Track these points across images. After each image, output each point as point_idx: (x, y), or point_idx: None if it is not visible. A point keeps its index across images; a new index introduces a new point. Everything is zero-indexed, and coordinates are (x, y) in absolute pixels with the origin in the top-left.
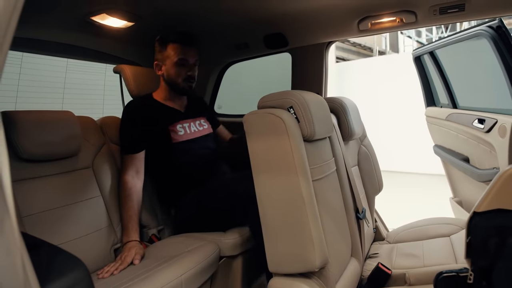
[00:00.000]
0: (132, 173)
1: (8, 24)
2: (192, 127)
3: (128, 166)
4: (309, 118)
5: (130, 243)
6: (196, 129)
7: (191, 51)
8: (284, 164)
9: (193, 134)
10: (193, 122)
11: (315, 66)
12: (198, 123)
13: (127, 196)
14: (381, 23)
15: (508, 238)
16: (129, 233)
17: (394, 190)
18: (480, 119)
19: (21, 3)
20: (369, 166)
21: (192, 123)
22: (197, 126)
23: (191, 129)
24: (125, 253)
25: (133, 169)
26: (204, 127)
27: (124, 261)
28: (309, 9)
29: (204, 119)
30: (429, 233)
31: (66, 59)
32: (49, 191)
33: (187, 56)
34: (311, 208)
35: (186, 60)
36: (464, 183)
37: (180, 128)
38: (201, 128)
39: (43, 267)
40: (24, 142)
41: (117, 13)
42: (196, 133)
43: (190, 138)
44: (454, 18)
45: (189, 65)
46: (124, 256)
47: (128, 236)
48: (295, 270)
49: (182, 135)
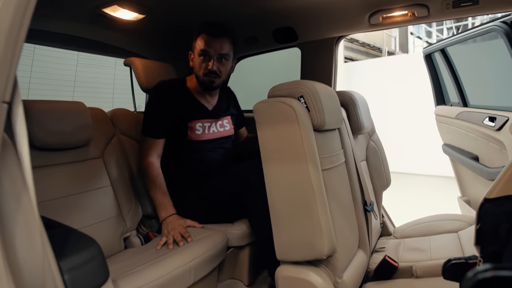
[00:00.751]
0: (155, 156)
1: (24, 12)
2: (212, 127)
3: (150, 149)
4: (319, 107)
5: (171, 217)
6: (216, 130)
7: (216, 43)
8: (294, 152)
9: (211, 135)
10: (215, 122)
11: (325, 61)
12: (220, 123)
13: (156, 176)
14: (393, 17)
15: None
16: (167, 208)
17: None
18: (491, 117)
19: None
20: (378, 161)
21: (213, 123)
22: (218, 127)
23: (211, 130)
24: (171, 228)
25: (155, 152)
26: (226, 128)
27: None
28: (319, 2)
29: (228, 119)
30: (437, 229)
31: (77, 52)
32: (60, 180)
33: (210, 48)
34: (320, 196)
35: (208, 52)
36: (473, 182)
37: (199, 127)
38: (222, 130)
39: (59, 244)
40: (37, 131)
41: (128, 5)
42: (215, 133)
43: (206, 138)
44: (467, 12)
45: (211, 58)
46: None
47: (167, 211)
48: (303, 258)
49: (200, 134)
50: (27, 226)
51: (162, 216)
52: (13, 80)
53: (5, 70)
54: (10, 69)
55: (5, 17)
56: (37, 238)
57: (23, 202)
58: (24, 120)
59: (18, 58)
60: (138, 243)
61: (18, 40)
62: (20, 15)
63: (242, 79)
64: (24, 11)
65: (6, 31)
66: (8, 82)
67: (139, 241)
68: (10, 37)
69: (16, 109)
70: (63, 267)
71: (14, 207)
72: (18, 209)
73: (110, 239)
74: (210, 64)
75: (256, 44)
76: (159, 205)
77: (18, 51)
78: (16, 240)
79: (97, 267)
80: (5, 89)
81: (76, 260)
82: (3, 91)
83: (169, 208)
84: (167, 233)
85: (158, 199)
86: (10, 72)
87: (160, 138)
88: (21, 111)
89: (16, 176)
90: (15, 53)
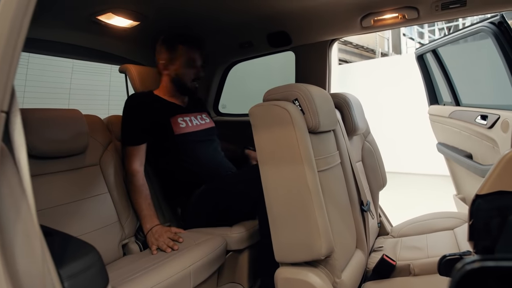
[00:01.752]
0: (138, 163)
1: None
2: (193, 120)
3: (133, 157)
4: (314, 110)
5: (156, 227)
6: (198, 123)
7: (198, 53)
8: (290, 154)
9: (195, 127)
10: (194, 116)
11: (319, 64)
12: (200, 117)
13: (142, 185)
14: (384, 19)
15: (509, 217)
16: (152, 219)
17: (397, 192)
18: (482, 116)
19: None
20: (373, 161)
21: (193, 117)
22: (199, 120)
23: (193, 123)
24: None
25: (138, 160)
26: (206, 121)
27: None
28: (312, 6)
29: (206, 114)
30: (433, 227)
31: (72, 60)
32: (57, 188)
33: (196, 57)
34: (317, 197)
35: (195, 61)
36: (467, 180)
37: (181, 120)
38: (203, 122)
39: (58, 252)
40: (33, 139)
41: (123, 12)
42: (198, 126)
43: (192, 130)
44: (456, 13)
45: (197, 66)
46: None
47: (152, 222)
48: (302, 259)
49: (184, 127)
50: (26, 234)
51: (147, 227)
52: (11, 90)
53: (2, 79)
54: (7, 78)
55: (3, 27)
56: (36, 246)
57: (22, 211)
58: (22, 129)
59: (15, 68)
60: (137, 249)
61: (16, 50)
62: (18, 26)
63: (238, 83)
64: (21, 21)
65: (4, 42)
66: (6, 92)
67: (138, 247)
68: (8, 47)
69: (14, 118)
70: (62, 275)
71: (13, 215)
72: (18, 217)
73: (109, 246)
74: (199, 72)
75: (251, 48)
76: (144, 216)
77: (15, 61)
78: (15, 248)
79: (96, 274)
80: (3, 98)
81: (75, 267)
82: (1, 101)
83: (154, 219)
84: (155, 241)
85: (144, 210)
86: (8, 81)
87: (140, 144)
88: (19, 120)
89: (14, 185)
90: (12, 63)
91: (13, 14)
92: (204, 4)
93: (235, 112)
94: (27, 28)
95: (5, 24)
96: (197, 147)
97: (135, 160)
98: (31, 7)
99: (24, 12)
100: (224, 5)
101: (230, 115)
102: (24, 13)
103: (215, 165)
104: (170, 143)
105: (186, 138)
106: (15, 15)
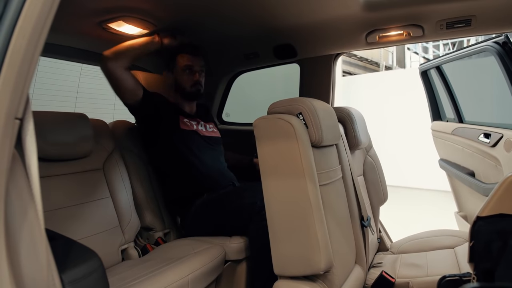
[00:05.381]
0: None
1: (40, 35)
2: (200, 126)
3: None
4: (318, 124)
5: None
6: (205, 129)
7: (196, 59)
8: (292, 168)
9: (200, 131)
10: (201, 123)
11: (323, 77)
12: (208, 126)
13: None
14: (389, 36)
15: (510, 241)
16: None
17: (398, 207)
18: (486, 134)
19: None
20: (375, 176)
21: (201, 123)
22: (205, 127)
23: (199, 127)
24: None
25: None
26: (214, 130)
27: None
28: (319, 21)
29: (213, 124)
30: (433, 244)
31: (80, 64)
32: (60, 190)
33: (193, 63)
34: (318, 212)
35: (192, 66)
36: (469, 198)
37: (187, 121)
38: (210, 130)
39: (61, 257)
40: (38, 141)
41: (133, 21)
42: (204, 132)
43: (197, 131)
44: (460, 33)
45: (195, 71)
46: None
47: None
48: (301, 273)
49: (190, 126)
50: (32, 239)
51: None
52: (26, 97)
53: (19, 87)
54: (24, 86)
55: (23, 35)
56: (42, 252)
57: (29, 215)
58: (34, 136)
59: (32, 75)
60: (136, 255)
61: (34, 58)
62: (37, 34)
63: (241, 92)
64: (41, 31)
65: (24, 49)
66: (22, 99)
67: (137, 253)
68: (27, 54)
69: (27, 124)
70: (64, 280)
71: (20, 219)
72: (24, 221)
73: (108, 250)
74: (196, 76)
75: (256, 59)
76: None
77: (32, 68)
78: (21, 252)
79: (97, 280)
80: (18, 105)
81: (77, 273)
82: (16, 108)
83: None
84: None
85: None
86: (24, 89)
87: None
88: (31, 127)
89: (23, 190)
90: (29, 71)
91: (32, 29)
92: (212, 15)
93: (236, 121)
94: (46, 36)
95: (26, 32)
96: (200, 149)
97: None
98: (49, 22)
99: (42, 26)
100: (233, 17)
101: (233, 123)
102: (42, 27)
103: (216, 174)
104: (175, 137)
105: (190, 136)
106: (35, 24)
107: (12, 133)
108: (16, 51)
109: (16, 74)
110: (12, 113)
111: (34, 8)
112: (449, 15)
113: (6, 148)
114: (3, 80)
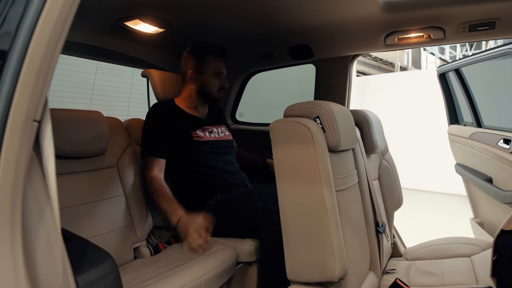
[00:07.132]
0: (157, 170)
1: (59, 38)
2: (213, 132)
3: (152, 166)
4: (335, 128)
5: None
6: (216, 135)
7: (224, 63)
8: (308, 172)
9: (212, 138)
10: (215, 128)
11: (339, 79)
12: (220, 130)
13: (160, 187)
14: (409, 38)
15: None
16: (177, 211)
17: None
18: (506, 139)
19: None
20: (390, 180)
21: (214, 129)
22: (219, 132)
23: (211, 135)
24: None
25: (157, 167)
26: (226, 134)
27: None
28: (336, 22)
29: (225, 127)
30: (449, 252)
31: (96, 62)
32: (75, 188)
33: (222, 68)
34: (333, 217)
35: (222, 72)
36: (486, 204)
37: (200, 132)
38: (222, 134)
39: (76, 258)
40: (55, 138)
41: (149, 19)
42: (216, 137)
43: (209, 139)
44: (483, 36)
45: (223, 77)
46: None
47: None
48: (314, 279)
49: (202, 137)
50: (48, 241)
51: (174, 220)
52: (44, 100)
53: (38, 90)
54: (43, 88)
55: (42, 38)
56: (58, 254)
57: (45, 217)
58: (51, 138)
59: (51, 78)
60: (148, 253)
61: (52, 61)
62: (56, 38)
63: (255, 92)
64: (60, 34)
65: (43, 52)
66: (40, 101)
67: (149, 251)
68: (45, 58)
69: (45, 127)
70: (80, 282)
71: (36, 220)
72: (41, 223)
73: (120, 248)
74: (224, 81)
75: (272, 59)
76: (171, 210)
77: (51, 71)
78: (37, 254)
79: (112, 283)
80: (37, 108)
81: (93, 276)
82: (35, 110)
83: (178, 210)
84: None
85: (165, 207)
86: (43, 91)
87: (160, 157)
88: (49, 129)
89: (40, 191)
90: (48, 74)
91: (51, 32)
92: (228, 15)
93: (250, 121)
94: (64, 39)
95: (45, 35)
96: (212, 156)
97: (154, 168)
98: (68, 24)
99: (61, 29)
100: (249, 17)
101: (247, 123)
102: (61, 30)
103: (228, 175)
104: (189, 150)
105: (202, 146)
106: (54, 27)
107: (30, 135)
108: (35, 55)
109: (35, 77)
110: (31, 116)
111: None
112: (472, 17)
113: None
114: (22, 83)
